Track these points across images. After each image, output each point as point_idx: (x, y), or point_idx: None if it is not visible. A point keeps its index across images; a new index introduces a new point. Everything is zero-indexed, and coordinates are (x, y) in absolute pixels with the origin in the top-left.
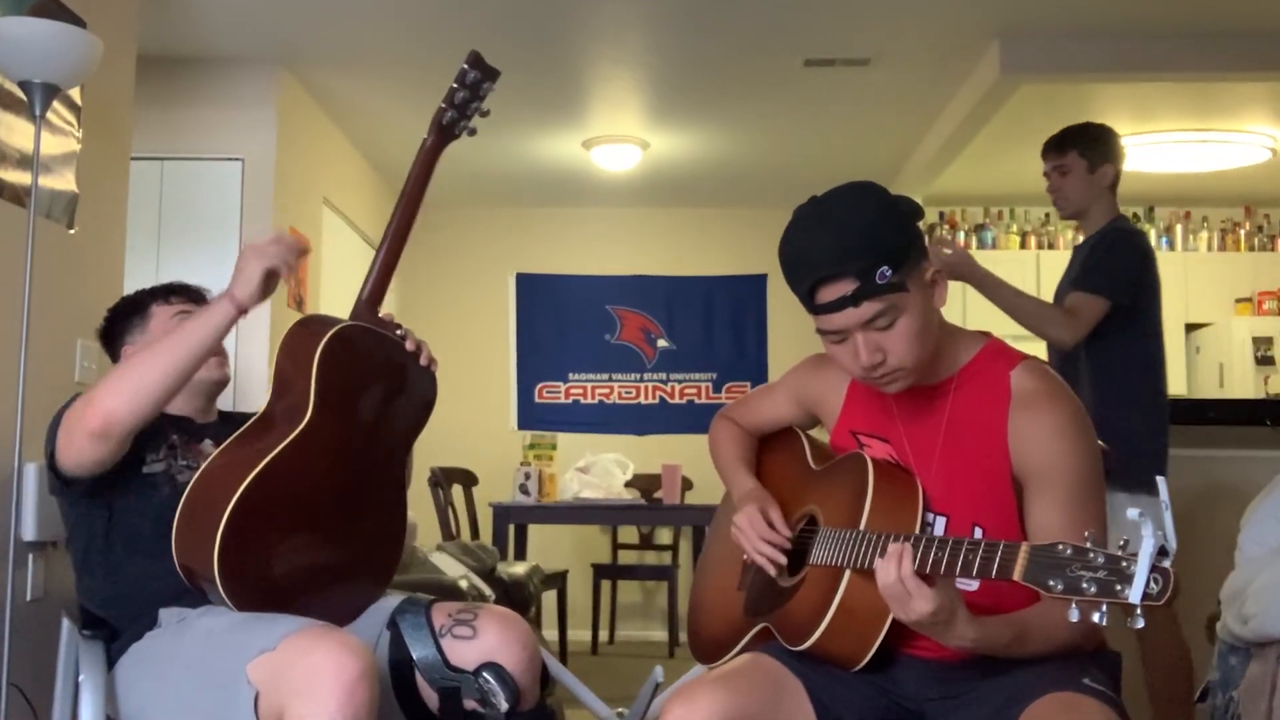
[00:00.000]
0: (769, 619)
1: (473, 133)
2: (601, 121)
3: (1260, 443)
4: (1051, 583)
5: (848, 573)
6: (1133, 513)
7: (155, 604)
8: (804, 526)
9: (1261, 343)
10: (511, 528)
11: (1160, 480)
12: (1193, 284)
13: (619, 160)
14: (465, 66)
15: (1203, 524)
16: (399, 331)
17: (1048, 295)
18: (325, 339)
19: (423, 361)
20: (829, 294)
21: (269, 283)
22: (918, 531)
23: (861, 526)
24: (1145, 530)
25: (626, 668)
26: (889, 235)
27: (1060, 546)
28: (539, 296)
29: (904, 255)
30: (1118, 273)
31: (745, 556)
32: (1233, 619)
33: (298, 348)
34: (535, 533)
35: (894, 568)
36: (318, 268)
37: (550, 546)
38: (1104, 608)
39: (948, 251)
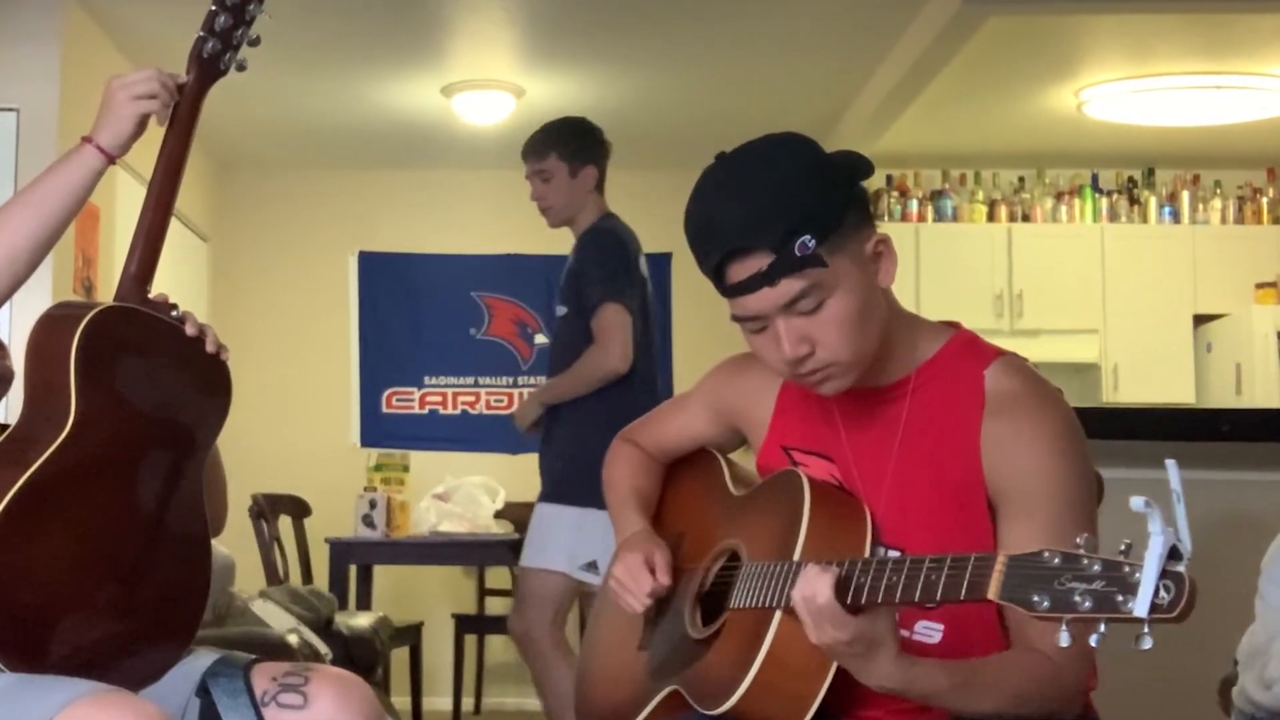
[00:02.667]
0: (679, 680)
1: (242, 67)
2: (465, 63)
3: None
4: (1036, 599)
5: (777, 614)
6: (1137, 502)
7: None
8: (724, 565)
9: None
10: (353, 569)
11: (1171, 464)
12: (1202, 265)
13: (487, 111)
14: None
15: (1214, 564)
16: (175, 313)
17: (1023, 276)
18: (81, 327)
19: (209, 348)
20: (741, 271)
21: (141, 127)
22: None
23: (796, 558)
24: (1153, 525)
25: None
26: (813, 196)
27: (1046, 554)
28: (387, 281)
29: (833, 220)
30: (618, 274)
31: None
32: (1252, 683)
33: (46, 345)
34: (383, 575)
35: (805, 587)
36: (111, 242)
37: (402, 592)
38: (1102, 627)
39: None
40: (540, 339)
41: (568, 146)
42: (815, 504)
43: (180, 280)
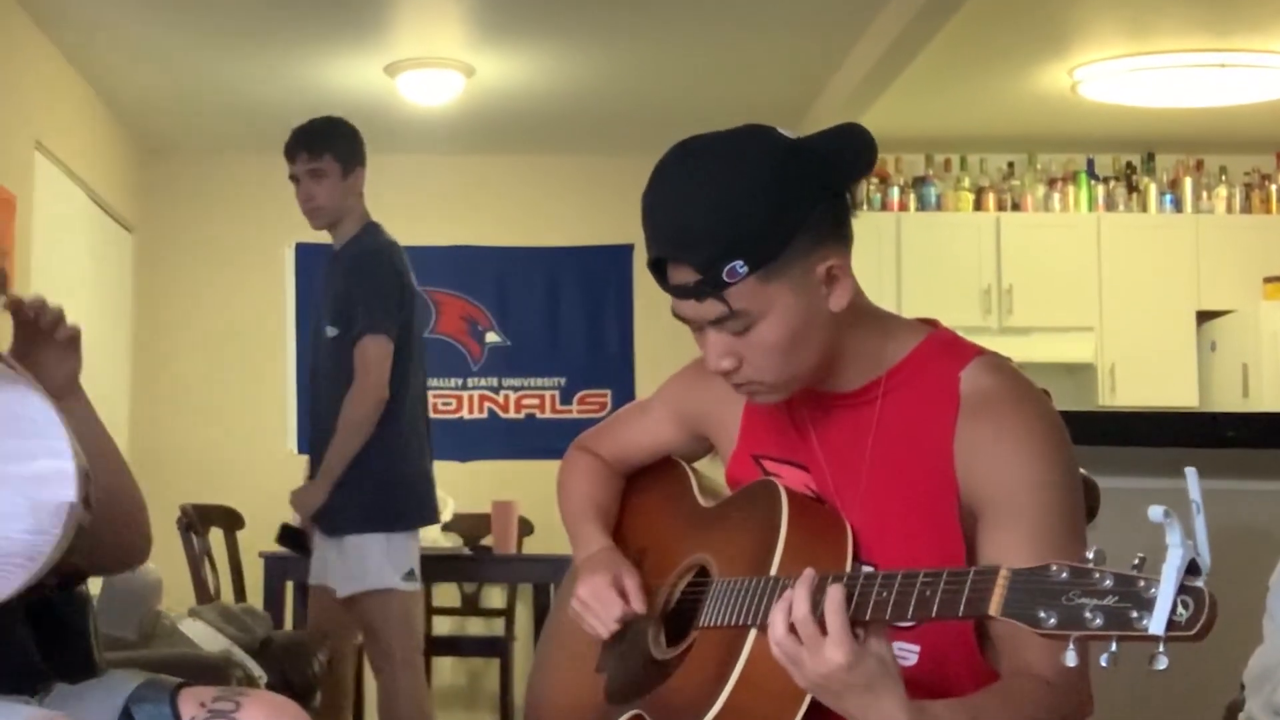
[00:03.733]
0: (643, 704)
1: None
2: (410, 39)
3: None
4: (1043, 615)
5: (752, 633)
6: (1156, 512)
7: None
8: (691, 581)
9: None
10: (290, 585)
11: (1190, 472)
12: (1206, 257)
13: (434, 91)
14: None
15: (1219, 581)
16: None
17: (1012, 270)
18: None
19: (60, 336)
20: (674, 274)
21: None
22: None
23: (772, 573)
24: (1172, 537)
25: None
26: (759, 217)
27: (1053, 568)
28: None
29: (776, 247)
30: (388, 302)
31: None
32: (1260, 708)
33: None
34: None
35: (782, 611)
36: (28, 234)
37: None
38: (1114, 645)
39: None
40: (492, 337)
41: (343, 147)
42: (793, 516)
43: (102, 273)
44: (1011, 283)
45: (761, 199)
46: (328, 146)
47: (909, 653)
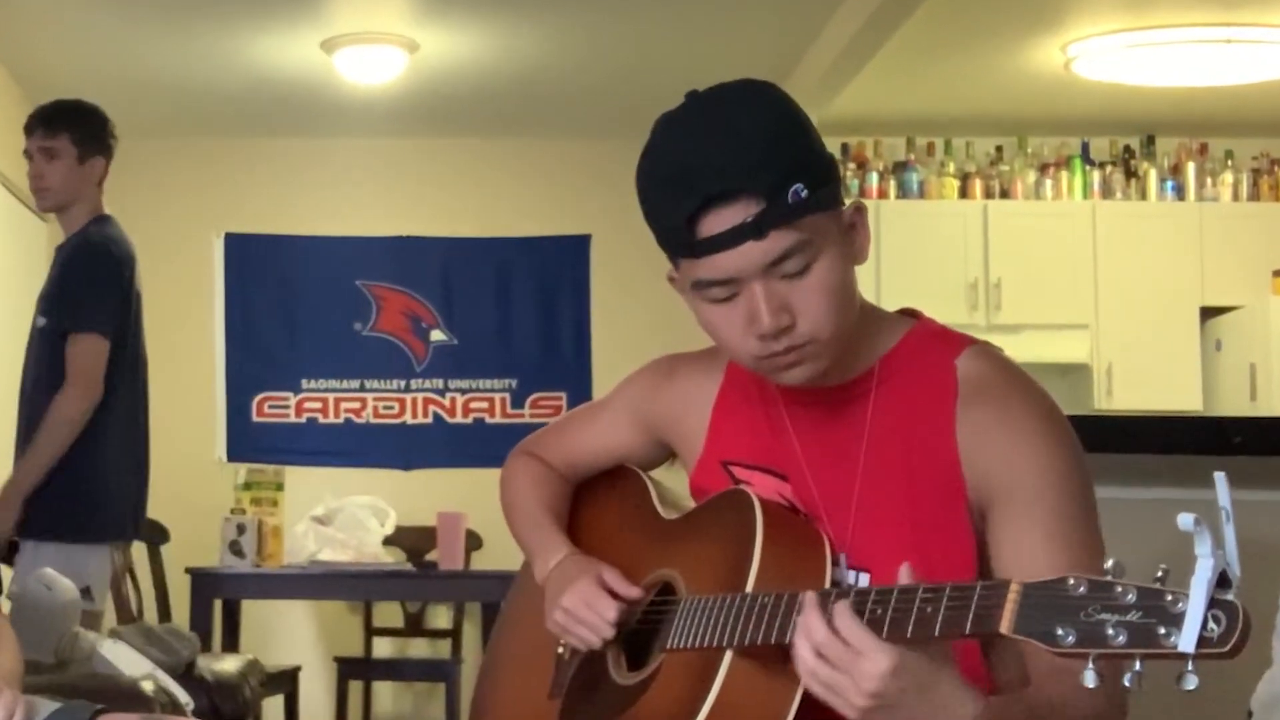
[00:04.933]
0: None
1: None
2: (348, 13)
3: None
4: (1060, 632)
5: (728, 655)
6: (1186, 520)
7: None
8: (654, 600)
9: None
10: (218, 604)
11: (1219, 477)
12: (1211, 249)
13: (374, 69)
14: None
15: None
16: None
17: (1001, 262)
18: None
19: None
20: (720, 222)
21: None
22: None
23: (748, 590)
24: (1201, 548)
25: None
26: (804, 142)
27: (1070, 581)
28: (259, 267)
29: (823, 172)
30: (106, 299)
31: (561, 649)
32: None
33: None
34: (253, 611)
35: (804, 642)
36: None
37: (276, 632)
38: (1139, 665)
39: None
40: (437, 335)
41: (82, 130)
42: (769, 529)
43: (15, 264)
44: (1000, 277)
45: (803, 127)
46: (66, 127)
47: None
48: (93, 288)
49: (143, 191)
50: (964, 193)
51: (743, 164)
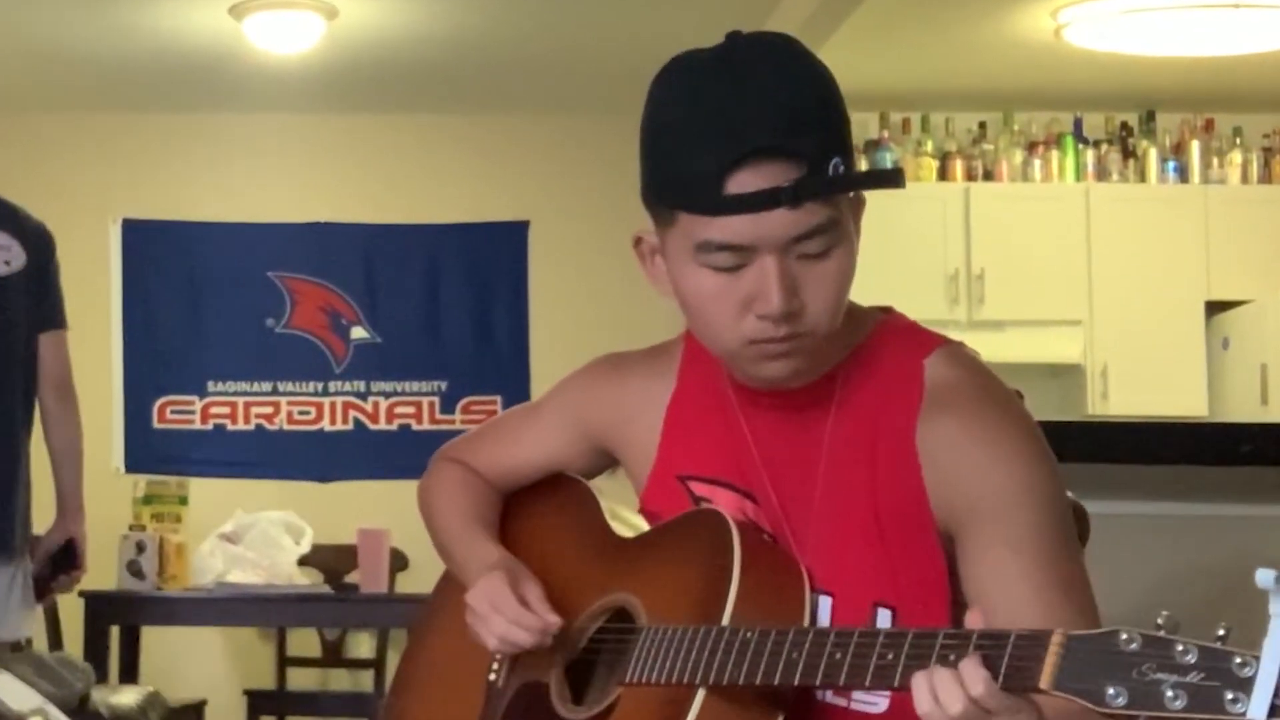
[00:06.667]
0: None
1: None
2: None
3: None
4: (1111, 692)
5: (700, 694)
6: (1266, 577)
7: None
8: (606, 627)
9: None
10: (115, 631)
11: None
12: (1217, 238)
13: (289, 37)
14: None
15: (1234, 621)
16: None
17: (984, 251)
18: None
19: None
20: (755, 180)
21: None
22: (804, 625)
23: (725, 621)
24: (1276, 605)
25: None
26: (845, 114)
27: (1123, 635)
28: (160, 257)
29: (850, 148)
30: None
31: (493, 674)
32: None
33: None
34: (154, 639)
35: (956, 688)
36: None
37: (179, 661)
38: None
39: None
40: (358, 332)
41: None
42: (746, 555)
43: None
44: (983, 267)
45: (840, 94)
46: None
47: (877, 698)
48: (56, 283)
49: (29, 172)
50: (943, 174)
51: (796, 122)
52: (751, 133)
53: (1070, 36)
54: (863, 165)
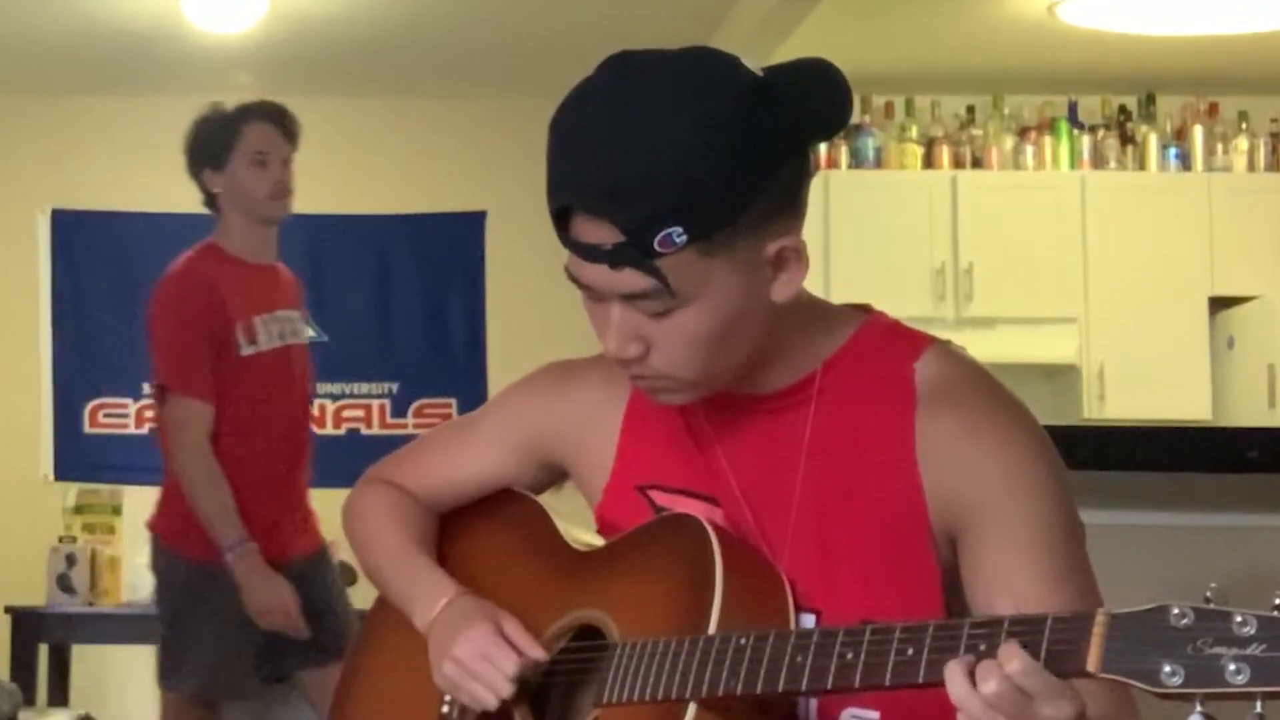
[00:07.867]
0: None
1: None
2: None
3: None
4: (1167, 669)
5: (692, 709)
6: None
7: None
8: (570, 646)
9: None
10: (44, 649)
11: None
12: (1221, 230)
13: (229, 15)
14: None
15: None
16: None
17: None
18: None
19: None
20: (585, 231)
21: None
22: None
23: (710, 631)
24: None
25: None
26: (709, 175)
27: (1174, 610)
28: (92, 250)
29: (726, 214)
30: None
31: (446, 706)
32: None
33: None
34: (87, 658)
35: (994, 673)
36: None
37: (112, 682)
38: (1259, 706)
39: None
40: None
41: None
42: (728, 559)
43: None
44: (972, 261)
45: (720, 151)
46: None
47: (870, 711)
48: None
49: None
50: (929, 161)
51: (614, 186)
52: (569, 188)
53: (1064, 14)
54: (842, 151)
